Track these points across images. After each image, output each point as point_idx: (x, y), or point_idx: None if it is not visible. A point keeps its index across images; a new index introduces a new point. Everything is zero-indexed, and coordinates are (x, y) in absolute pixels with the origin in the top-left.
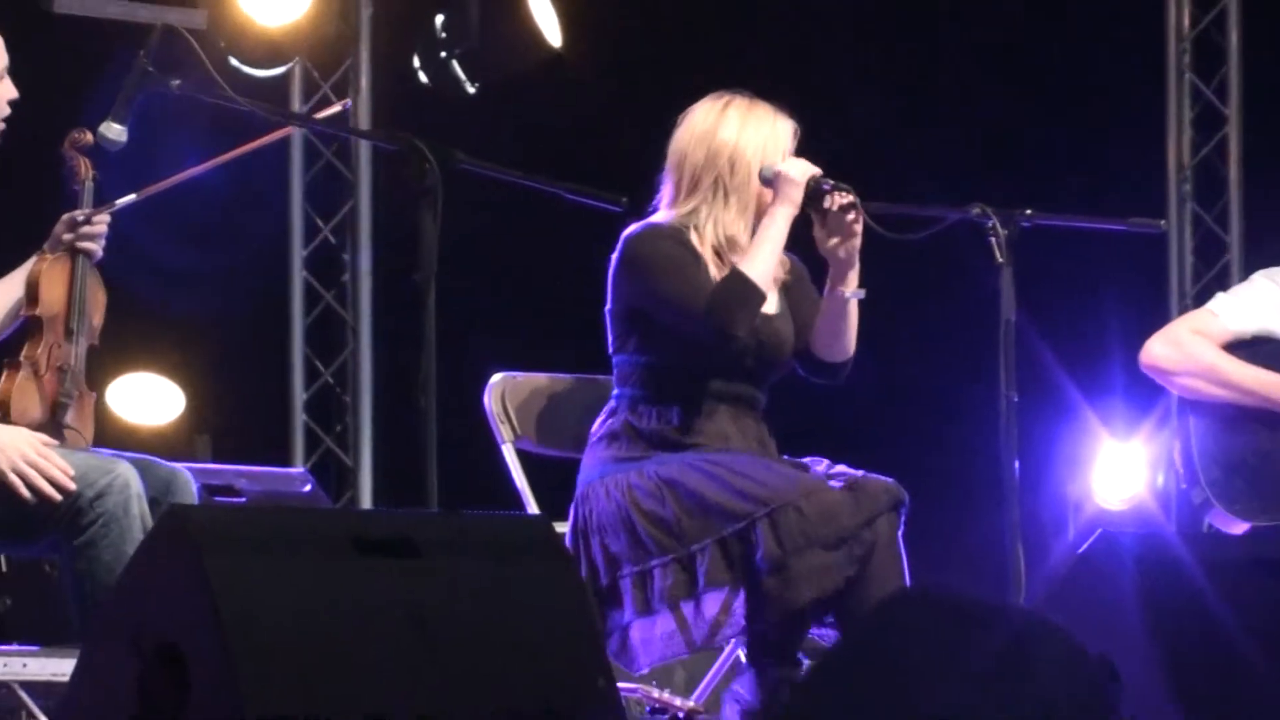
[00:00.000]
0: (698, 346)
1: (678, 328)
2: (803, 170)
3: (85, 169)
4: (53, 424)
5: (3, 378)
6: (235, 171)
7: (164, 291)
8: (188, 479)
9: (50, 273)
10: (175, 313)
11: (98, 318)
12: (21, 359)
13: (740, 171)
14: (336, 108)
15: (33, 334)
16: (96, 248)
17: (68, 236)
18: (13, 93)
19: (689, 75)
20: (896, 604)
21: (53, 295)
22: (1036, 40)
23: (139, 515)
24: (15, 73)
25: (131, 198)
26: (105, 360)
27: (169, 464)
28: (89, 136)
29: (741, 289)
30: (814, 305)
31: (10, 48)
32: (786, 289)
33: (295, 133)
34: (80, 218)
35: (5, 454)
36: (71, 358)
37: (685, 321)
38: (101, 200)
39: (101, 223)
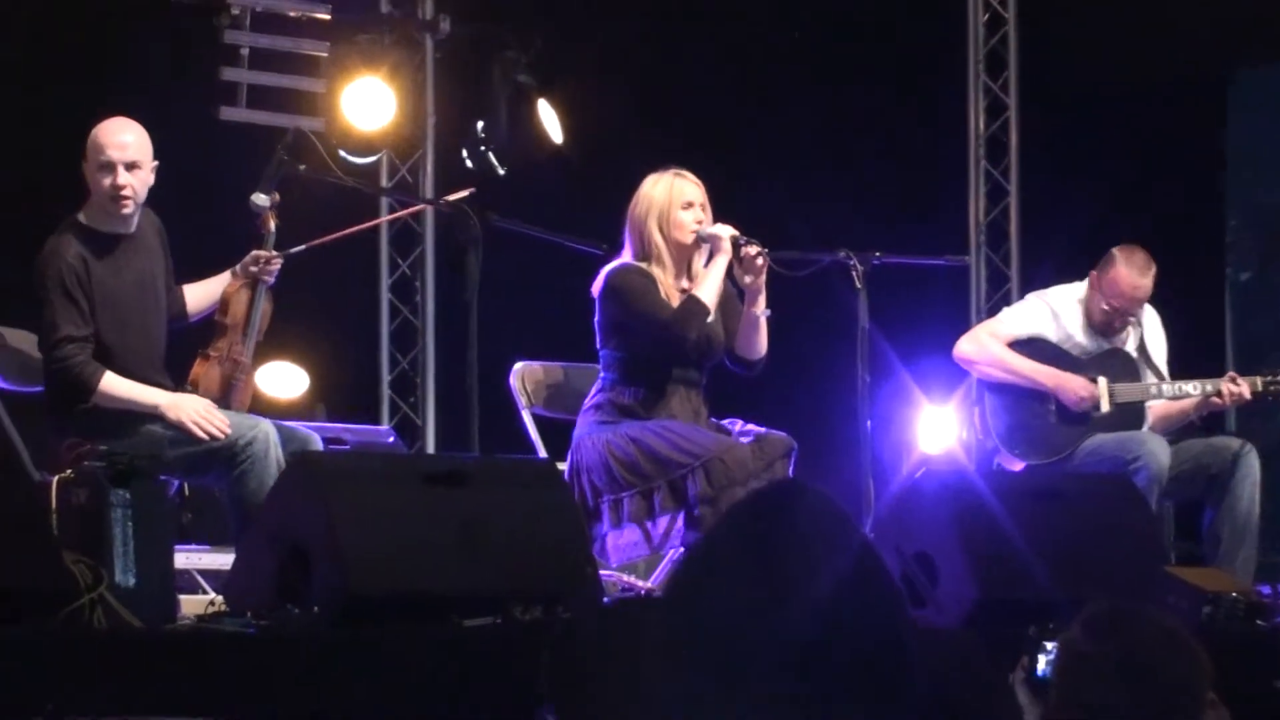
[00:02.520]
0: (661, 345)
1: (646, 333)
2: (726, 230)
3: (269, 222)
4: (224, 398)
5: (196, 363)
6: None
7: (298, 308)
8: (316, 438)
9: (237, 294)
10: (304, 321)
11: (265, 325)
12: (210, 351)
13: (650, 233)
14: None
15: (219, 334)
16: (271, 279)
17: (253, 269)
18: (131, 183)
19: (646, 159)
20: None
21: (237, 309)
22: (886, 138)
23: (274, 459)
24: (197, 159)
25: (302, 248)
26: (257, 354)
27: (306, 429)
28: (277, 196)
29: (696, 308)
30: (737, 316)
31: (190, 143)
32: (720, 304)
33: (384, 199)
34: (262, 257)
35: (185, 412)
36: (243, 354)
37: (652, 328)
38: (280, 246)
39: (278, 262)
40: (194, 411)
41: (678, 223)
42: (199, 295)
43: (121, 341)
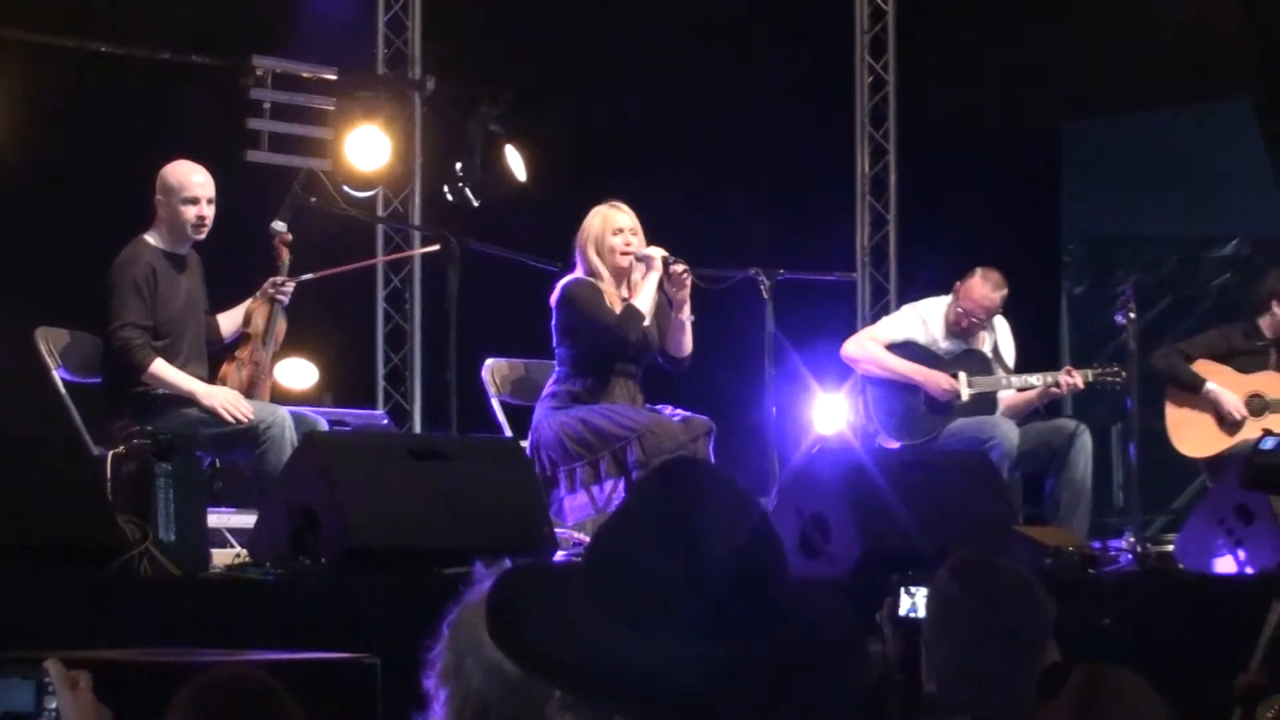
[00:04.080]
0: (606, 344)
1: (595, 334)
2: (658, 252)
3: (284, 253)
4: (246, 393)
5: (224, 364)
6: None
7: (311, 315)
8: (323, 422)
9: (258, 310)
10: (315, 326)
11: (281, 337)
12: (236, 356)
13: (590, 255)
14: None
15: (243, 342)
16: (285, 300)
17: (270, 291)
18: (209, 214)
19: (594, 193)
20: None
21: (257, 324)
22: (789, 177)
23: (289, 439)
24: (228, 193)
25: (311, 275)
26: (276, 357)
27: (314, 415)
28: (289, 235)
29: (634, 314)
30: (667, 321)
31: (222, 180)
32: (654, 312)
33: (380, 227)
34: (279, 281)
35: (217, 400)
36: (263, 359)
37: (600, 330)
38: (293, 273)
39: (290, 285)
40: (224, 399)
41: (611, 246)
42: (229, 322)
43: (176, 339)
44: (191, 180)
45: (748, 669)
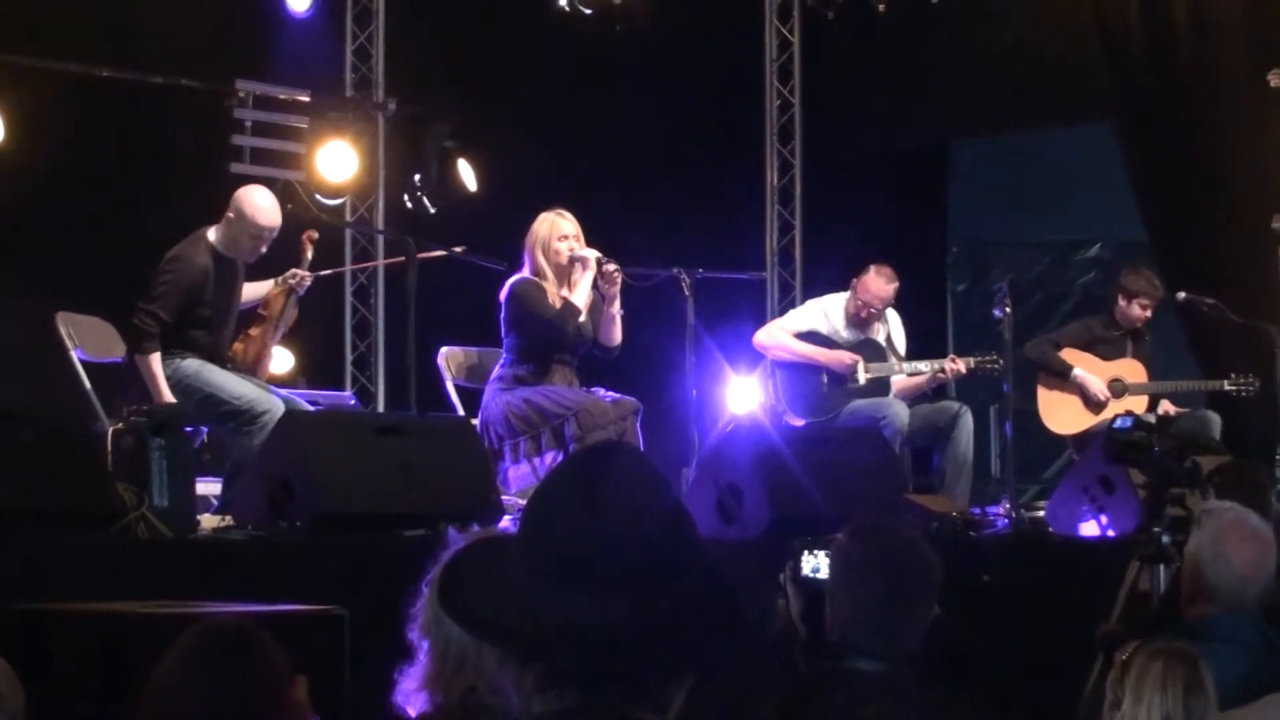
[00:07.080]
0: (548, 335)
1: (537, 326)
2: (592, 253)
3: (308, 249)
4: (255, 370)
5: (238, 340)
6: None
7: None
8: (305, 405)
9: (276, 297)
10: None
11: (291, 321)
12: (250, 333)
13: (537, 256)
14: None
15: (257, 322)
16: (302, 291)
17: (291, 281)
18: (265, 250)
19: (537, 201)
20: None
21: (274, 309)
22: (708, 188)
23: None
24: (212, 201)
25: (328, 272)
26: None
27: (305, 403)
28: (315, 234)
29: (571, 309)
30: (600, 315)
31: (207, 189)
32: (589, 306)
33: (347, 231)
34: (299, 273)
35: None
36: (273, 339)
37: (542, 323)
38: (312, 268)
39: (309, 279)
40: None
41: (556, 250)
42: (250, 291)
43: (216, 334)
44: (262, 222)
45: (657, 624)
